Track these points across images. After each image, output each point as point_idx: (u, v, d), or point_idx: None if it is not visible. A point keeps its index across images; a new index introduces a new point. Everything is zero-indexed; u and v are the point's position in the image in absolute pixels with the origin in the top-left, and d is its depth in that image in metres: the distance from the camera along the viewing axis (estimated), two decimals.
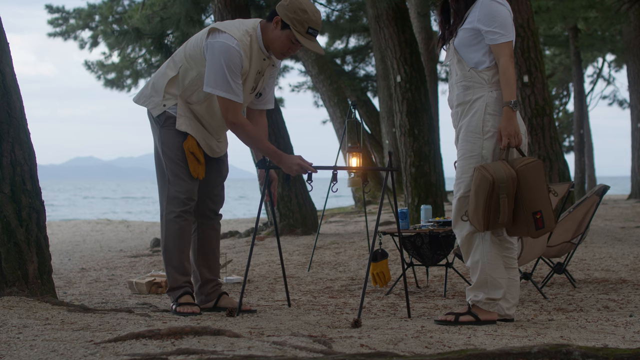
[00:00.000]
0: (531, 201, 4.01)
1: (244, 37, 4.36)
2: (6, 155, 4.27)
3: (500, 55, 4.12)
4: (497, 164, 4.02)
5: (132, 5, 18.09)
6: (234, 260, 7.56)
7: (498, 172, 3.98)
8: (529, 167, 4.00)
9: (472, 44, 4.19)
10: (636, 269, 6.51)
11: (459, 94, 4.21)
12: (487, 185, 3.97)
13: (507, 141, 4.05)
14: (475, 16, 4.17)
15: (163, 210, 4.57)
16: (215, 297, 4.66)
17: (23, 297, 4.13)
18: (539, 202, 4.01)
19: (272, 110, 10.46)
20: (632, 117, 19.64)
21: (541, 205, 4.01)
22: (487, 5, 4.15)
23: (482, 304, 4.14)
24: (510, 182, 3.98)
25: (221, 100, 4.35)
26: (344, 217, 14.20)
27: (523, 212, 4.02)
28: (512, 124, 4.05)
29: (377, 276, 5.21)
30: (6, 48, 4.38)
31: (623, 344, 3.55)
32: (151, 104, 4.56)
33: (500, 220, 4.00)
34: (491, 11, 4.14)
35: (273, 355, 2.90)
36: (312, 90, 23.39)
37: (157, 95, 4.53)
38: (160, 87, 4.53)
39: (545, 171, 4.07)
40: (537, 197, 4.01)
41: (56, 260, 8.14)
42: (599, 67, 31.33)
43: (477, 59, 4.18)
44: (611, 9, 17.68)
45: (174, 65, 4.52)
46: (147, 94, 4.59)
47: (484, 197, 3.98)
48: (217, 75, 4.30)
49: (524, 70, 9.98)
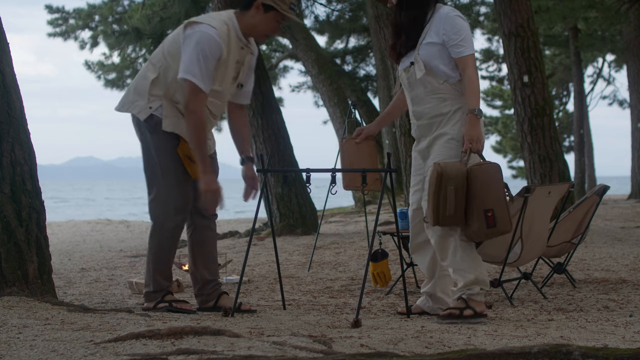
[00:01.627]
0: (483, 198, 4.14)
1: (222, 26, 4.39)
2: (6, 155, 4.27)
3: (466, 66, 4.31)
4: (451, 162, 4.19)
5: (132, 5, 18.10)
6: (234, 260, 7.56)
7: (447, 167, 4.15)
8: (483, 167, 4.17)
9: (440, 57, 4.34)
10: (636, 269, 6.51)
11: (434, 106, 4.37)
12: (434, 178, 4.14)
13: (469, 145, 4.22)
14: (440, 30, 4.31)
15: (160, 218, 4.53)
16: (215, 297, 4.67)
17: (23, 297, 4.13)
18: (491, 201, 4.14)
19: (272, 110, 10.47)
20: (632, 117, 19.64)
21: (493, 205, 4.14)
22: (450, 20, 4.32)
23: (477, 295, 4.27)
24: (459, 176, 4.12)
25: (187, 85, 4.33)
26: (344, 217, 14.20)
27: (475, 209, 4.15)
28: (476, 130, 4.23)
29: (377, 276, 5.21)
30: (6, 48, 4.38)
31: (623, 344, 3.55)
32: (136, 109, 4.51)
33: (448, 212, 4.12)
34: (454, 25, 4.31)
35: (273, 355, 2.90)
36: (312, 90, 23.39)
37: (142, 98, 4.50)
38: (144, 90, 4.50)
39: (502, 175, 4.20)
40: (490, 196, 4.15)
41: (56, 260, 8.13)
42: (599, 67, 31.33)
43: (447, 73, 4.33)
44: (611, 9, 17.68)
45: (153, 67, 4.51)
46: (130, 99, 4.55)
47: (433, 189, 4.15)
48: (190, 60, 4.31)
49: (524, 70, 9.98)
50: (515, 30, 9.98)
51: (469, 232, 4.22)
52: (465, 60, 4.30)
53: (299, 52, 17.52)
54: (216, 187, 4.39)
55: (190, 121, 4.37)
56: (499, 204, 4.14)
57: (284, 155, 10.30)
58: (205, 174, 4.38)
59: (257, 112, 10.35)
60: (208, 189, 4.38)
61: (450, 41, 4.30)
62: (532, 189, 4.99)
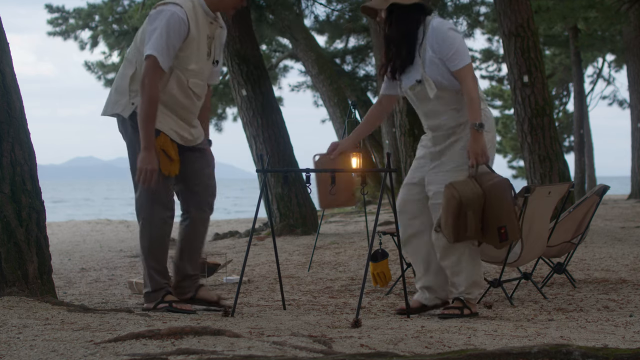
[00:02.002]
0: (497, 217, 4.28)
1: (186, 3, 4.41)
2: (6, 155, 4.27)
3: (464, 77, 4.33)
4: (464, 182, 4.29)
5: (132, 5, 18.09)
6: (234, 260, 7.55)
7: (464, 190, 4.24)
8: (496, 184, 4.27)
9: (446, 71, 4.37)
10: (636, 269, 6.50)
11: (449, 118, 4.43)
12: (454, 203, 4.25)
13: (475, 160, 4.30)
14: (433, 45, 4.34)
15: (147, 214, 4.53)
16: (194, 290, 4.65)
17: (23, 297, 4.13)
18: (503, 218, 4.28)
19: (272, 110, 10.47)
20: (632, 117, 19.63)
21: (505, 221, 4.28)
22: (441, 34, 4.34)
23: (474, 299, 4.48)
24: (476, 199, 4.25)
25: (149, 60, 4.32)
26: (344, 217, 14.19)
27: (489, 225, 4.29)
28: (479, 143, 4.30)
29: (377, 276, 5.21)
30: (6, 48, 4.38)
31: (623, 344, 3.55)
32: (120, 107, 4.51)
33: (468, 234, 4.28)
34: (445, 39, 4.34)
35: (273, 355, 2.90)
36: (312, 90, 23.38)
37: (123, 96, 4.50)
38: (124, 87, 4.50)
39: (511, 187, 4.33)
40: (502, 213, 4.28)
41: (56, 260, 8.13)
42: (599, 67, 31.32)
43: (456, 85, 4.37)
44: (611, 9, 17.66)
45: (129, 63, 4.51)
46: (113, 100, 4.55)
47: (453, 214, 4.26)
48: (154, 38, 4.31)
49: (524, 70, 9.97)
50: (515, 30, 9.98)
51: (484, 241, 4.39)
52: (462, 73, 4.33)
53: (299, 52, 17.51)
54: (153, 167, 4.35)
55: (144, 95, 4.33)
56: (509, 219, 4.29)
57: (284, 155, 10.30)
58: (145, 150, 4.35)
59: (257, 112, 10.35)
60: (144, 166, 4.34)
61: (444, 56, 4.33)
62: (532, 189, 4.99)
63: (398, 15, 4.40)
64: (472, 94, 4.30)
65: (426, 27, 4.39)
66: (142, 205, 4.55)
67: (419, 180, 4.55)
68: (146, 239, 4.54)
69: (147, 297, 4.56)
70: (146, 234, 4.55)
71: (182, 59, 4.45)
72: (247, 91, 10.38)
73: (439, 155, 4.47)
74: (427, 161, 4.53)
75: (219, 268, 6.17)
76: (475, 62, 31.14)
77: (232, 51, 10.41)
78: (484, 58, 30.74)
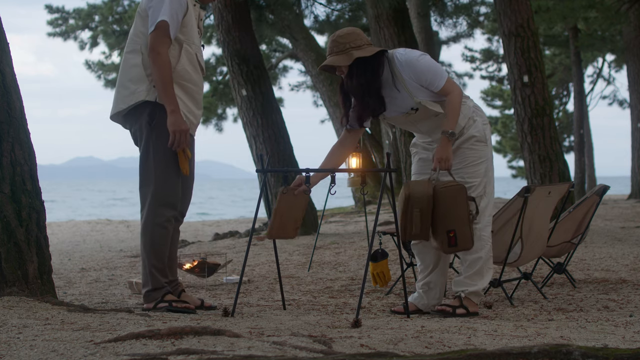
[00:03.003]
0: (446, 220, 4.32)
1: None
2: (6, 155, 4.27)
3: (447, 92, 4.41)
4: (420, 182, 4.39)
5: (132, 6, 18.09)
6: (234, 260, 7.55)
7: (415, 188, 4.33)
8: (449, 189, 4.32)
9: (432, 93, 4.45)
10: (636, 269, 6.51)
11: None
12: (402, 199, 4.36)
13: (438, 164, 4.38)
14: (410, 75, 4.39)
15: (151, 213, 4.49)
16: (177, 294, 4.62)
17: (23, 297, 4.13)
18: (453, 222, 4.33)
19: (272, 110, 10.47)
20: (632, 117, 19.64)
21: (456, 225, 4.33)
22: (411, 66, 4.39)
23: (475, 295, 4.51)
24: (425, 198, 4.31)
25: (160, 25, 4.33)
26: (344, 217, 14.20)
27: (439, 228, 4.34)
28: (446, 151, 4.37)
29: (377, 276, 5.21)
30: (6, 48, 4.38)
31: (623, 344, 3.55)
32: (141, 95, 4.45)
33: (414, 232, 4.35)
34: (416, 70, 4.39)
35: (273, 355, 2.90)
36: (312, 90, 23.38)
37: (141, 83, 4.46)
38: (139, 75, 4.46)
39: (466, 195, 4.35)
40: (453, 217, 4.32)
41: (56, 260, 8.13)
42: (599, 67, 31.32)
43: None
44: (611, 9, 17.67)
45: (134, 53, 4.50)
46: (129, 91, 4.48)
47: (401, 209, 4.36)
48: (163, 7, 4.34)
49: (524, 70, 9.97)
50: (515, 30, 9.98)
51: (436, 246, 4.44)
52: (445, 89, 4.40)
53: (299, 52, 17.51)
54: (185, 127, 4.38)
55: (157, 62, 4.35)
56: (460, 225, 4.33)
57: (284, 156, 10.30)
58: (173, 113, 4.37)
59: (257, 112, 10.35)
60: (176, 129, 4.37)
61: (423, 83, 4.40)
62: (532, 189, 4.99)
63: (359, 66, 4.39)
64: (456, 106, 4.39)
65: (392, 63, 4.42)
66: (148, 204, 4.51)
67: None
68: (148, 238, 4.51)
69: (147, 296, 4.54)
70: (148, 233, 4.51)
71: (186, 34, 4.50)
72: (247, 91, 10.38)
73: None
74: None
75: (219, 268, 6.17)
76: (475, 62, 31.17)
77: (232, 51, 10.41)
78: (484, 58, 30.75)
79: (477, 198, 4.48)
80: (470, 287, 4.49)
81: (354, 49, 4.35)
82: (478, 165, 4.51)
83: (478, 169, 4.51)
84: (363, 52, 4.36)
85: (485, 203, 4.53)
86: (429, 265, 4.63)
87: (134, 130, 4.58)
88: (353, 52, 4.35)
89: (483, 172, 4.52)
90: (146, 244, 4.52)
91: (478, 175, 4.51)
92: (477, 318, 4.38)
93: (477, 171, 4.51)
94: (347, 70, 4.41)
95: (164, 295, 4.50)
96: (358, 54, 4.35)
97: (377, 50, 4.39)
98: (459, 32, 20.71)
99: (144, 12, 4.48)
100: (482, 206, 4.50)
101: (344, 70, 4.42)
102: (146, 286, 4.55)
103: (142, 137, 4.51)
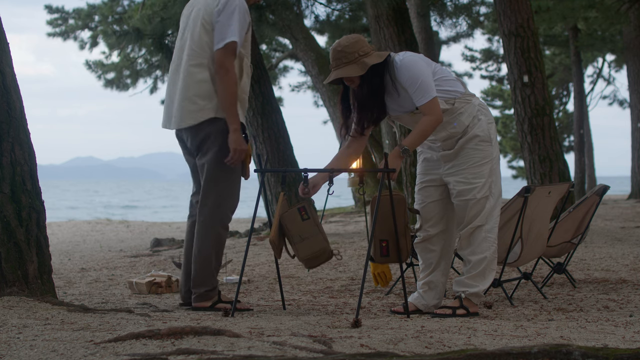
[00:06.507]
0: (381, 229, 4.39)
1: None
2: (6, 155, 4.27)
3: (426, 113, 4.33)
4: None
5: (132, 6, 18.09)
6: (234, 260, 7.55)
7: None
8: (385, 198, 4.35)
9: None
10: (636, 269, 6.51)
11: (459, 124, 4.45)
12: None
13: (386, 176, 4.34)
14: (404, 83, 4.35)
15: (218, 214, 4.62)
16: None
17: (23, 297, 4.13)
18: (386, 232, 4.39)
19: (272, 110, 10.48)
20: (632, 117, 19.65)
21: (388, 236, 4.40)
22: (404, 70, 4.34)
23: (475, 296, 4.48)
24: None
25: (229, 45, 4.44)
26: (344, 217, 14.20)
27: (375, 237, 4.41)
28: (396, 164, 4.32)
29: (378, 276, 5.21)
30: (6, 48, 4.38)
31: (623, 344, 3.55)
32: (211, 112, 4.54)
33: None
34: (408, 77, 4.33)
35: (273, 355, 2.90)
36: (312, 90, 23.38)
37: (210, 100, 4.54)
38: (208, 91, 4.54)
39: (405, 208, 4.38)
40: (386, 227, 4.38)
41: (56, 260, 8.13)
42: (599, 67, 31.31)
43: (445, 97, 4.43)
44: (611, 9, 17.68)
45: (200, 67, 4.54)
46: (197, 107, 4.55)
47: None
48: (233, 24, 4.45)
49: (524, 70, 9.98)
50: (515, 30, 9.99)
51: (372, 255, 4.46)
52: (424, 109, 4.32)
53: (299, 52, 17.50)
54: (244, 147, 4.53)
55: (227, 80, 4.46)
56: (392, 236, 4.38)
57: (284, 156, 10.30)
58: (236, 132, 4.51)
59: (257, 112, 10.35)
60: (237, 147, 4.50)
61: (409, 91, 4.34)
62: (532, 189, 4.99)
63: (370, 74, 4.36)
64: (428, 128, 4.30)
65: (391, 66, 4.39)
66: (219, 207, 4.62)
67: (435, 181, 4.56)
68: (216, 240, 4.63)
69: (205, 295, 4.61)
70: (216, 236, 4.64)
71: (246, 47, 4.62)
72: None
73: (453, 156, 4.49)
74: (440, 163, 4.54)
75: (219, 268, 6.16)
76: (475, 62, 31.18)
77: None
78: (484, 58, 30.75)
79: (482, 199, 4.41)
80: (472, 288, 4.46)
81: (363, 57, 4.31)
82: (482, 166, 4.44)
83: (482, 169, 4.44)
84: (373, 58, 4.33)
85: (492, 204, 4.44)
86: (431, 265, 4.62)
87: (197, 140, 4.62)
88: (364, 60, 4.31)
89: (488, 173, 4.44)
90: (214, 245, 4.64)
91: (482, 176, 4.44)
92: (477, 318, 4.38)
93: (482, 172, 4.44)
94: (359, 83, 4.38)
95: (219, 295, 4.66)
96: (371, 62, 4.31)
97: (386, 55, 4.38)
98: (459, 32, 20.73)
99: (209, 25, 4.51)
100: (487, 208, 4.41)
101: (355, 81, 4.38)
102: (204, 286, 4.62)
103: (213, 145, 4.57)
